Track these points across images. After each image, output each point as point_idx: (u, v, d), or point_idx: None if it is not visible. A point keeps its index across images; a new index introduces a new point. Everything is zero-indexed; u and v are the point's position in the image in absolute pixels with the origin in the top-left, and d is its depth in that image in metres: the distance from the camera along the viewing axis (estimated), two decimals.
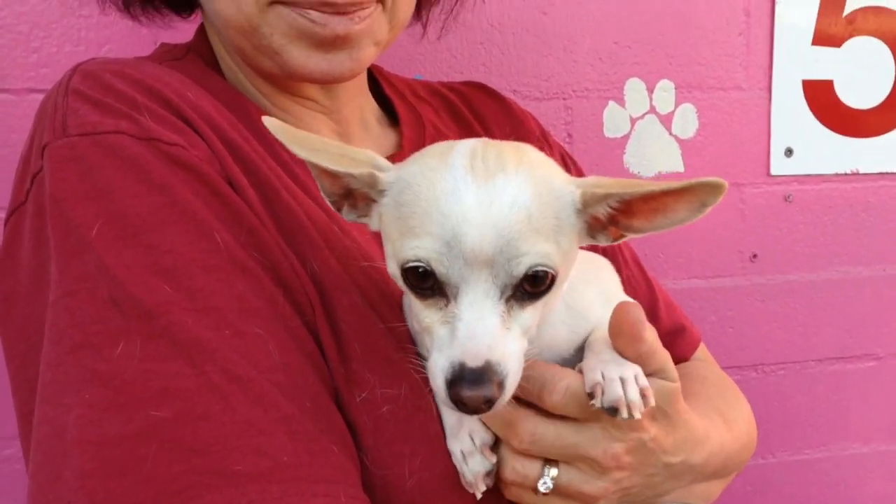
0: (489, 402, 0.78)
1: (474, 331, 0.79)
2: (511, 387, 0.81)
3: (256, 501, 0.77)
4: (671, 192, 0.81)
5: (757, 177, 2.07)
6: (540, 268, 0.80)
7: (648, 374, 0.91)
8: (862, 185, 2.12)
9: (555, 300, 0.91)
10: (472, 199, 0.79)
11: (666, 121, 2.00)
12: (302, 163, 1.03)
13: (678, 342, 1.39)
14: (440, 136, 1.26)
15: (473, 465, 0.92)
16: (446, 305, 0.82)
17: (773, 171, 2.07)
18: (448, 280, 0.80)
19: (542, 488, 0.91)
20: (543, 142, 1.40)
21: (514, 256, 0.79)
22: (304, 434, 0.83)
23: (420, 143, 1.21)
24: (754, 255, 2.09)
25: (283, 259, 0.92)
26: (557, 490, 0.92)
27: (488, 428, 0.95)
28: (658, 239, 2.02)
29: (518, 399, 0.88)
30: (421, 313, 0.84)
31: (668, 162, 2.01)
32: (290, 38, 1.02)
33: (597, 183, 0.85)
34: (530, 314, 0.83)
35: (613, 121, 1.98)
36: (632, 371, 0.88)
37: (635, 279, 1.37)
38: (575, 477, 0.93)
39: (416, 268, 0.80)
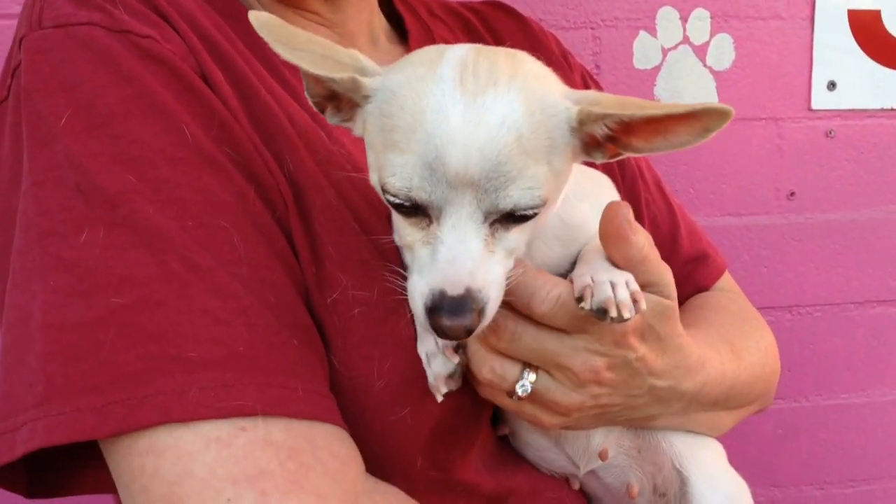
0: (468, 331, 0.78)
1: (456, 255, 0.78)
2: (491, 313, 0.80)
3: (208, 388, 0.78)
4: (674, 117, 0.78)
5: (797, 111, 1.99)
6: (528, 201, 0.78)
7: (642, 286, 0.87)
8: None
9: (545, 219, 0.89)
10: (458, 118, 0.76)
11: (700, 52, 1.94)
12: (295, 70, 1.03)
13: (700, 270, 1.35)
14: None
15: (436, 367, 0.91)
16: (429, 225, 0.80)
17: (815, 106, 1.99)
18: (431, 202, 0.78)
19: (519, 391, 0.89)
20: (564, 63, 1.35)
21: (501, 185, 0.76)
22: (263, 326, 0.83)
23: None
24: (792, 193, 2.02)
25: (257, 156, 0.91)
26: (531, 396, 0.91)
27: None
28: (690, 174, 1.97)
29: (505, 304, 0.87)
30: (403, 230, 0.83)
31: (701, 94, 1.95)
32: None
33: (595, 100, 0.81)
34: (516, 236, 0.82)
35: (644, 51, 1.92)
36: (623, 277, 0.85)
37: (656, 204, 1.33)
38: (551, 385, 0.91)
39: (397, 199, 0.79)
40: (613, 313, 0.81)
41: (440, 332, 0.78)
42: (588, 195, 0.98)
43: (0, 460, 0.79)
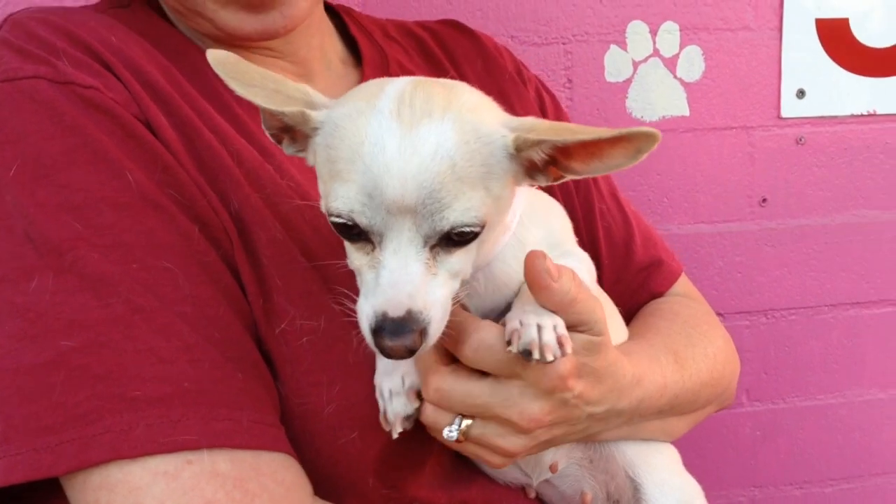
0: (411, 351, 0.81)
1: (396, 279, 0.81)
2: (435, 333, 0.83)
3: (154, 425, 0.83)
4: (607, 140, 0.81)
5: (767, 119, 2.03)
6: (464, 227, 0.81)
7: (572, 327, 0.91)
8: (880, 127, 2.06)
9: (492, 242, 0.93)
10: (394, 149, 0.79)
11: (670, 64, 1.98)
12: (246, 104, 1.06)
13: (654, 276, 1.39)
14: (405, 75, 1.27)
15: (396, 406, 0.94)
16: (373, 250, 0.84)
17: (784, 114, 2.03)
18: (372, 228, 0.82)
19: (446, 437, 0.93)
20: (517, 79, 1.39)
21: (437, 210, 0.80)
22: (207, 362, 0.88)
23: None
24: (764, 200, 2.06)
25: (201, 196, 0.95)
26: (474, 439, 0.94)
27: None
28: (663, 183, 2.01)
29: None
30: (350, 255, 0.87)
31: (672, 106, 1.99)
32: (220, 3, 1.06)
33: (531, 127, 0.85)
34: (459, 258, 0.85)
35: (615, 65, 1.96)
36: (551, 320, 0.88)
37: (611, 213, 1.37)
38: (489, 431, 0.93)
39: (341, 221, 0.83)
40: (536, 356, 0.84)
41: (384, 352, 0.81)
42: (540, 222, 1.02)
43: None
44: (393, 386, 0.95)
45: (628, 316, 1.31)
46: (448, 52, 1.38)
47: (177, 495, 0.82)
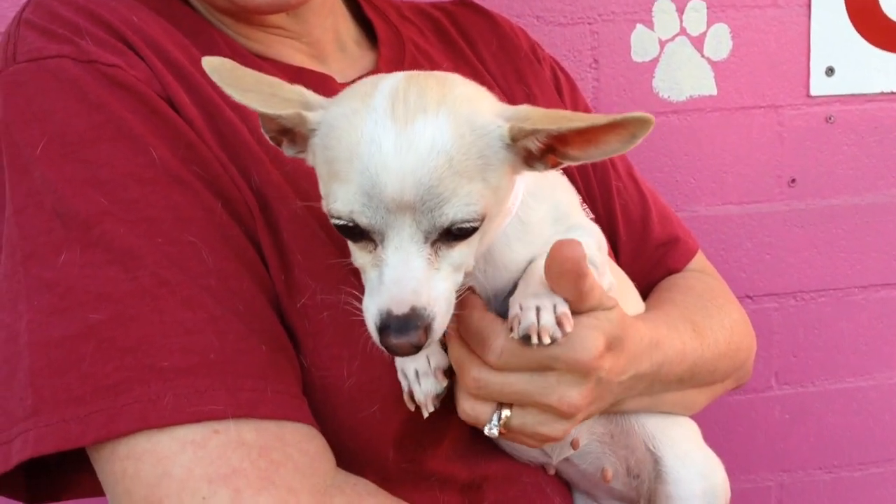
0: (417, 347, 0.82)
1: (399, 276, 0.81)
2: (439, 328, 0.83)
3: (181, 395, 0.84)
4: (602, 127, 0.81)
5: (796, 98, 2.00)
6: (464, 222, 0.81)
7: (589, 310, 0.91)
8: None
9: (493, 230, 0.93)
10: (390, 147, 0.79)
11: (697, 42, 1.96)
12: None
13: (670, 253, 1.39)
14: (421, 56, 1.28)
15: (426, 386, 0.95)
16: (375, 249, 0.84)
17: (813, 92, 2.00)
18: (373, 227, 0.82)
19: (487, 432, 0.93)
20: (532, 57, 1.39)
21: (436, 206, 0.80)
22: (232, 334, 0.89)
23: (399, 62, 1.23)
24: (793, 180, 2.03)
25: (224, 172, 0.96)
26: (516, 428, 0.94)
27: (445, 351, 0.97)
28: (690, 164, 1.99)
29: None
30: (354, 254, 0.87)
31: (699, 85, 1.97)
32: None
33: (526, 116, 0.84)
34: (461, 251, 0.85)
35: (641, 44, 1.94)
36: (551, 300, 0.88)
37: (627, 192, 1.37)
38: (530, 420, 0.93)
39: (342, 222, 0.83)
40: (535, 340, 0.85)
41: (390, 349, 0.82)
42: (545, 198, 1.01)
43: None
44: (419, 366, 0.95)
45: (645, 292, 1.31)
46: (463, 32, 1.38)
47: (204, 464, 0.83)
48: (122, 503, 0.86)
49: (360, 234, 0.83)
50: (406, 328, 0.80)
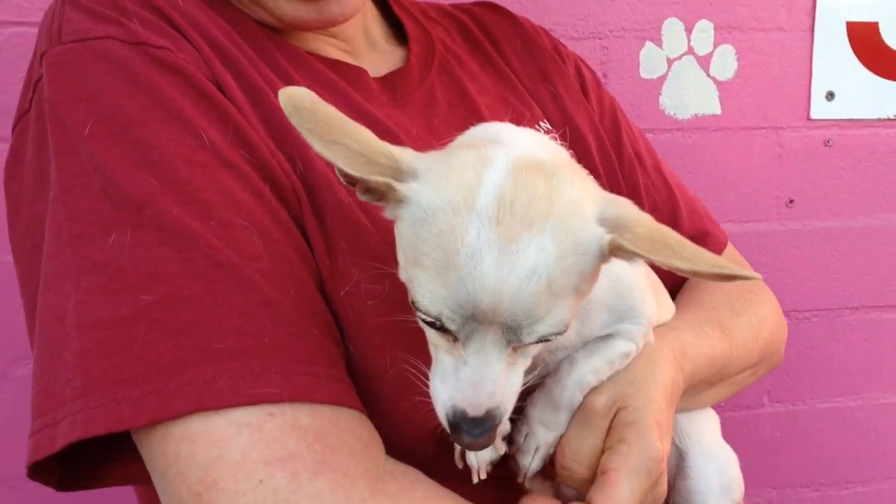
0: (488, 443, 0.82)
1: (478, 380, 0.79)
2: (505, 418, 0.83)
3: (237, 377, 0.82)
4: (701, 274, 0.75)
5: (796, 120, 2.05)
6: (552, 332, 0.79)
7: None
8: None
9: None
10: (490, 266, 0.74)
11: (704, 62, 1.99)
12: (302, 72, 1.07)
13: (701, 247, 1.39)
14: (449, 54, 1.28)
15: (482, 454, 0.96)
16: (454, 341, 0.81)
17: (814, 115, 2.04)
18: (457, 332, 0.79)
19: None
20: (557, 56, 1.40)
21: (527, 325, 0.77)
22: (285, 317, 0.87)
23: (429, 59, 1.24)
24: (791, 201, 2.07)
25: (271, 157, 0.95)
26: None
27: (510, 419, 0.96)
28: (692, 182, 2.01)
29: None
30: (428, 333, 0.84)
31: (704, 104, 2.00)
32: None
33: (627, 225, 0.79)
34: (537, 347, 0.84)
35: (650, 61, 1.97)
36: (553, 436, 0.98)
37: (655, 188, 1.38)
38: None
39: (428, 319, 0.80)
40: (520, 479, 0.97)
41: (461, 444, 0.82)
42: (606, 270, 0.91)
43: (41, 453, 0.83)
44: None
45: (674, 290, 1.33)
46: (487, 32, 1.39)
47: (260, 447, 0.81)
48: (174, 486, 0.83)
49: (441, 328, 0.80)
50: (479, 430, 0.79)
